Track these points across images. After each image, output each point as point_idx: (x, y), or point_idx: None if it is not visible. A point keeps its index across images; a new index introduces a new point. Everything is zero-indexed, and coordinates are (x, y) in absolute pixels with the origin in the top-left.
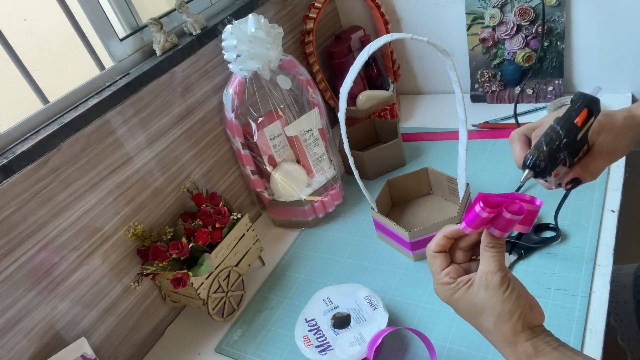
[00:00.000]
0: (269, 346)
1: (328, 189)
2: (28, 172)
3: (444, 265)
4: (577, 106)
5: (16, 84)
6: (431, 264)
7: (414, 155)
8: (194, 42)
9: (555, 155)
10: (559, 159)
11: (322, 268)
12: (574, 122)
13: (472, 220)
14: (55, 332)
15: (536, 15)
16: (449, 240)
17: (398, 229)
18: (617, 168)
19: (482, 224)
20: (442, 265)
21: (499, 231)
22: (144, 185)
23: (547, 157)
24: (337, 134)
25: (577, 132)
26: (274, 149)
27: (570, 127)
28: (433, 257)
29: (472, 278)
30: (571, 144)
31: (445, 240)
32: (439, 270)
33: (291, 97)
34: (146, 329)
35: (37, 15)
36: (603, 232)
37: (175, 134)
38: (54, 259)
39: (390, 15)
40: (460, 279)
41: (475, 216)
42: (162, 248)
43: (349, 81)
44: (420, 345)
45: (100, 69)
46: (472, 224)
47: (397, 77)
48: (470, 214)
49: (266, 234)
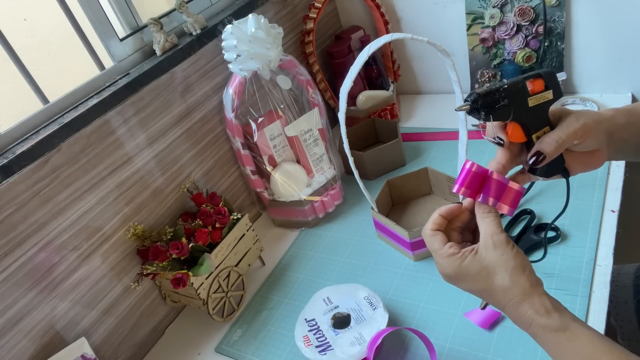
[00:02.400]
0: (269, 346)
1: (328, 189)
2: (28, 172)
3: (445, 241)
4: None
5: (16, 84)
6: (431, 242)
7: (414, 155)
8: (194, 42)
9: (493, 96)
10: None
11: (322, 268)
12: (524, 82)
13: (464, 179)
14: (55, 332)
15: (536, 15)
16: (444, 219)
17: (398, 229)
18: (617, 168)
19: (473, 183)
20: (443, 241)
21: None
22: (144, 185)
23: (484, 93)
24: (337, 134)
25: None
26: (274, 149)
27: (517, 81)
28: (432, 236)
29: (475, 247)
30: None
31: (441, 219)
32: (441, 246)
33: (291, 97)
34: (146, 329)
35: (37, 15)
36: (603, 232)
37: (175, 134)
38: (54, 259)
39: (390, 15)
40: (464, 249)
41: (466, 173)
42: (162, 248)
43: (349, 81)
44: (420, 345)
45: (100, 69)
46: (464, 182)
47: (397, 77)
48: (461, 174)
49: (266, 234)
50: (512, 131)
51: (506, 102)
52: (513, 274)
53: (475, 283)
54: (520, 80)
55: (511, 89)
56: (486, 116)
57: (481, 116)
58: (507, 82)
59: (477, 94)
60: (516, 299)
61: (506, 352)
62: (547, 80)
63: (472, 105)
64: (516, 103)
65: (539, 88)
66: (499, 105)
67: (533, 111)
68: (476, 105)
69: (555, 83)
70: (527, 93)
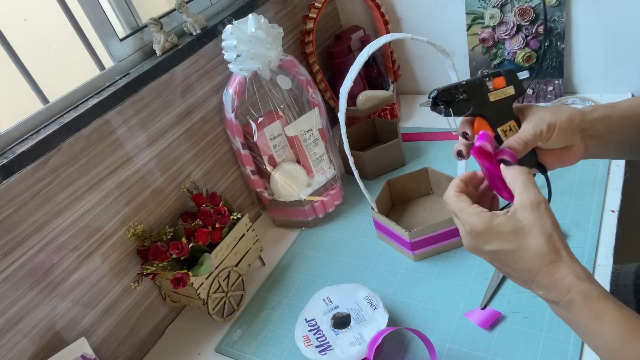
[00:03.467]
0: (269, 346)
1: (328, 189)
2: (28, 172)
3: (471, 202)
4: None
5: (16, 84)
6: (457, 202)
7: (414, 155)
8: (194, 42)
9: (452, 92)
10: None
11: (322, 268)
12: (482, 79)
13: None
14: (55, 332)
15: (536, 15)
16: (465, 184)
17: (398, 229)
18: (617, 168)
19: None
20: (469, 201)
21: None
22: (144, 185)
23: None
24: (337, 134)
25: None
26: (274, 149)
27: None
28: (458, 197)
29: (508, 210)
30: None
31: (462, 183)
32: (469, 204)
33: (291, 97)
34: (146, 329)
35: (37, 15)
36: (603, 232)
37: (175, 134)
38: (54, 259)
39: (390, 15)
40: (496, 211)
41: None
42: (162, 248)
43: (349, 81)
44: (420, 345)
45: (100, 69)
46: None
47: (397, 77)
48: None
49: (266, 234)
50: (477, 125)
51: (465, 97)
52: (550, 238)
53: (506, 242)
54: (478, 77)
55: (470, 84)
56: (446, 110)
57: (442, 110)
58: (465, 80)
59: (437, 90)
60: (552, 264)
61: (506, 352)
62: (508, 78)
63: (433, 101)
64: (476, 97)
65: (500, 85)
66: (458, 99)
67: (495, 106)
68: (436, 100)
69: (516, 79)
70: (487, 89)
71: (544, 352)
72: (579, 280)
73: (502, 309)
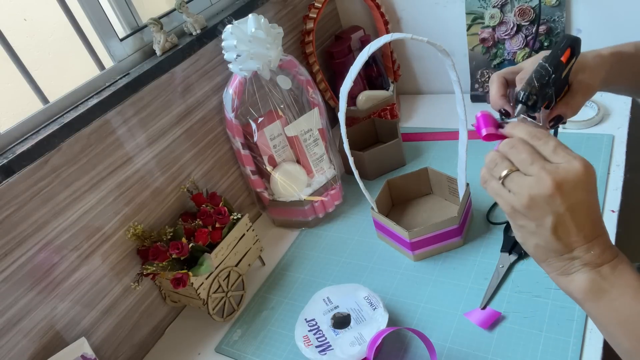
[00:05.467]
0: (269, 346)
1: (328, 189)
2: (28, 172)
3: None
4: (562, 45)
5: (16, 84)
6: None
7: (414, 155)
8: (194, 42)
9: (545, 90)
10: (547, 94)
11: (322, 268)
12: (560, 60)
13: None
14: (55, 332)
15: (536, 15)
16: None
17: (398, 229)
18: (617, 168)
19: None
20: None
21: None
22: (144, 185)
23: (538, 91)
24: (337, 134)
25: (562, 69)
26: (274, 149)
27: (558, 64)
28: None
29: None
30: (557, 80)
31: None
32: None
33: (291, 97)
34: (146, 329)
35: (37, 15)
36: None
37: (175, 134)
38: (54, 259)
39: (390, 15)
40: None
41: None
42: (162, 248)
43: (349, 81)
44: (420, 345)
45: (100, 69)
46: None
47: (397, 77)
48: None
49: (266, 234)
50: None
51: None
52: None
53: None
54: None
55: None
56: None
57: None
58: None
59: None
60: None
61: (506, 352)
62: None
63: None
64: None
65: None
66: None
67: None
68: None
69: (579, 47)
70: (563, 67)
71: (544, 352)
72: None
73: (502, 309)
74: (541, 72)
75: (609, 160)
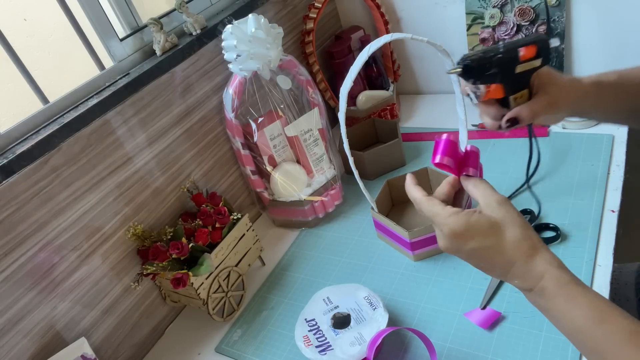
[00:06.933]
0: (269, 346)
1: (328, 189)
2: (28, 172)
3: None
4: (527, 39)
5: (16, 84)
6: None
7: (414, 155)
8: (194, 42)
9: (485, 65)
10: (487, 71)
11: (322, 268)
12: (517, 49)
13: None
14: (55, 332)
15: (536, 15)
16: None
17: (398, 229)
18: (617, 168)
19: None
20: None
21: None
22: (144, 185)
23: (477, 60)
24: (337, 134)
25: (516, 60)
26: (274, 149)
27: (511, 49)
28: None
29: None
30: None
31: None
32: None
33: (291, 97)
34: (146, 329)
35: (37, 15)
36: (603, 232)
37: (175, 134)
38: (54, 259)
39: (390, 15)
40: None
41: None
42: (162, 248)
43: (349, 81)
44: (420, 345)
45: (100, 69)
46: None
47: (397, 77)
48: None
49: (266, 234)
50: (492, 90)
51: (495, 70)
52: (523, 228)
53: (486, 239)
54: (514, 48)
55: (503, 57)
56: (474, 82)
57: (469, 81)
58: (501, 50)
59: (470, 59)
60: (528, 252)
61: (506, 352)
62: (540, 48)
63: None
64: (504, 70)
65: (530, 55)
66: (488, 72)
67: (518, 76)
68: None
69: (547, 51)
70: (518, 61)
71: (544, 352)
72: (551, 267)
73: (502, 309)
74: (491, 48)
75: (609, 160)
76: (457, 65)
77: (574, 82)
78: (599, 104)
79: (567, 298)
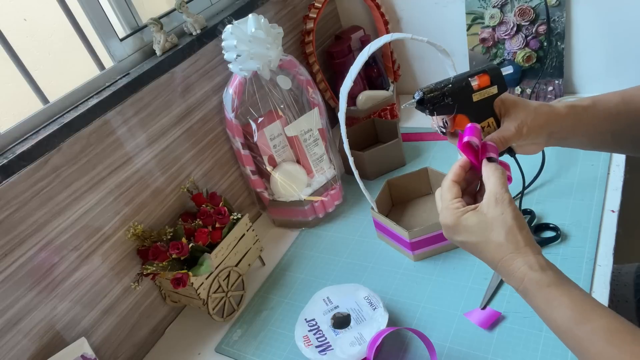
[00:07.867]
0: (269, 346)
1: (328, 189)
2: (28, 172)
3: (457, 195)
4: (477, 69)
5: (16, 84)
6: (447, 191)
7: (414, 155)
8: (194, 42)
9: (438, 96)
10: (441, 101)
11: (322, 268)
12: (467, 78)
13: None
14: (55, 332)
15: (536, 15)
16: (464, 170)
17: (398, 229)
18: (617, 168)
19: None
20: (456, 195)
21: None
22: (144, 185)
23: (429, 91)
24: (337, 134)
25: (469, 89)
26: (274, 149)
27: (460, 80)
28: (451, 186)
29: (477, 205)
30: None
31: (460, 170)
32: (451, 197)
33: (291, 97)
34: (146, 329)
35: (37, 15)
36: (603, 232)
37: (175, 134)
38: (54, 259)
39: (390, 15)
40: (467, 207)
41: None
42: (162, 248)
43: (349, 81)
44: (420, 345)
45: (100, 69)
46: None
47: (397, 77)
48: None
49: (266, 234)
50: (458, 120)
51: (450, 100)
52: (509, 232)
53: (470, 235)
54: (465, 78)
55: (455, 88)
56: (431, 112)
57: (427, 112)
58: (451, 82)
59: (423, 92)
60: (509, 255)
61: (506, 352)
62: (493, 76)
63: (418, 102)
64: (460, 100)
65: (484, 84)
66: (443, 103)
67: (477, 105)
68: (421, 103)
69: (500, 78)
70: (472, 90)
71: (544, 352)
72: (530, 271)
73: (502, 309)
74: (443, 80)
75: (609, 160)
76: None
77: (542, 106)
78: (577, 125)
79: (547, 300)
